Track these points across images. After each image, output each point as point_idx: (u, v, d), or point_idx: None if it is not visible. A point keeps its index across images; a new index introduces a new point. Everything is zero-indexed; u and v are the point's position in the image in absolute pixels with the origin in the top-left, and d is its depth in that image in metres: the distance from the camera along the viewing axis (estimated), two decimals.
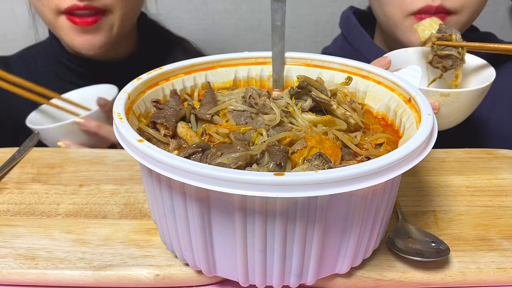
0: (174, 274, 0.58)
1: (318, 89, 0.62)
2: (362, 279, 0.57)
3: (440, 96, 0.81)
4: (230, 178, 0.43)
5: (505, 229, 0.65)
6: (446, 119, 0.85)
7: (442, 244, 0.58)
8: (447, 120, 0.86)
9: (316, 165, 0.50)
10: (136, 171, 0.78)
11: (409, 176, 0.76)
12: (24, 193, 0.73)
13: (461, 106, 0.83)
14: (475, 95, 0.82)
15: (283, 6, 0.67)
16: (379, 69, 0.66)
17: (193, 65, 0.70)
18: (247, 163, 0.51)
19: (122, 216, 0.68)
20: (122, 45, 1.14)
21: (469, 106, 0.85)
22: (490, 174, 0.77)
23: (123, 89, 0.60)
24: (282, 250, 0.49)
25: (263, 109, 0.60)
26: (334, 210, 0.48)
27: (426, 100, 0.56)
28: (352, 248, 0.53)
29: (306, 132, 0.57)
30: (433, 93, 0.81)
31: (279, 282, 0.53)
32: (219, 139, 0.57)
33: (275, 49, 0.70)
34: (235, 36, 1.79)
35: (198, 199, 0.47)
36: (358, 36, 1.15)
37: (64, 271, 0.58)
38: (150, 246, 0.62)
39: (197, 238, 0.51)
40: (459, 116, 0.87)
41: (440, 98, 0.81)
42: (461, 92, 0.80)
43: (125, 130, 0.51)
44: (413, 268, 0.58)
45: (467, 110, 0.86)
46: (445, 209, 0.69)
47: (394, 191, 0.55)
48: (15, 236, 0.64)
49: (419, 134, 0.49)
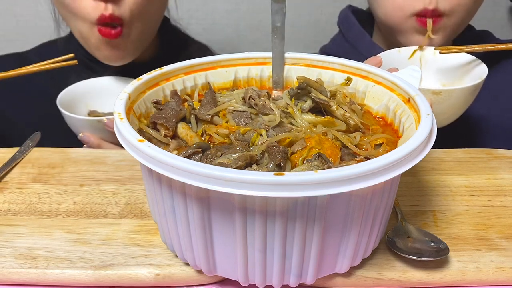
0: (174, 273, 0.58)
1: (318, 90, 0.62)
2: (362, 278, 0.58)
3: (432, 94, 0.81)
4: (230, 178, 0.43)
5: (504, 229, 0.65)
6: (439, 117, 0.85)
7: (442, 244, 0.59)
8: (440, 118, 0.86)
9: (315, 165, 0.50)
10: (136, 171, 0.78)
11: (409, 176, 0.77)
12: (25, 193, 0.73)
13: (454, 104, 0.83)
14: (467, 92, 0.82)
15: (283, 7, 0.67)
16: (379, 69, 0.66)
17: (193, 65, 0.70)
18: (247, 164, 0.51)
19: (123, 216, 0.68)
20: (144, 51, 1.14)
21: (462, 104, 0.85)
22: (489, 174, 0.77)
23: (123, 89, 0.60)
24: (282, 249, 0.49)
25: (263, 109, 0.61)
26: (333, 210, 0.48)
27: (426, 100, 0.56)
28: (351, 248, 0.53)
29: (305, 132, 0.57)
30: (425, 91, 0.80)
31: (279, 281, 0.53)
32: (219, 140, 0.58)
33: (275, 50, 0.71)
34: (235, 36, 1.79)
35: (198, 199, 0.48)
36: (357, 35, 1.16)
37: (64, 270, 0.58)
38: (150, 246, 0.62)
39: (197, 237, 0.51)
40: (452, 114, 0.87)
41: (432, 96, 0.81)
42: (452, 90, 0.81)
43: (125, 130, 0.51)
44: (413, 268, 0.58)
45: (460, 108, 0.86)
46: (444, 209, 0.69)
47: (394, 191, 0.55)
48: (16, 235, 0.64)
49: (418, 134, 0.49)
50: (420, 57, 0.98)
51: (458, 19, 1.00)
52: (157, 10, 1.09)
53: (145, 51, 1.15)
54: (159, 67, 0.67)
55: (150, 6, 1.04)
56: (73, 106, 1.04)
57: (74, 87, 1.07)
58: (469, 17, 1.03)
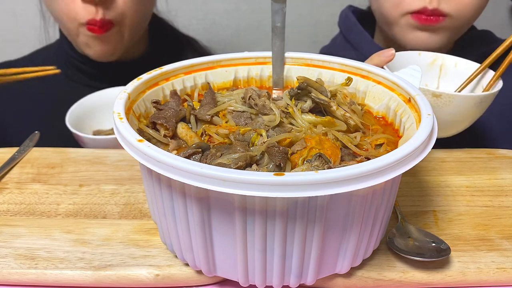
0: (174, 274, 0.58)
1: (318, 90, 0.62)
2: (362, 279, 0.57)
3: (432, 97, 0.75)
4: (230, 178, 0.43)
5: (505, 229, 0.65)
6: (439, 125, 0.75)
7: (443, 244, 0.58)
8: (441, 127, 0.76)
9: (315, 165, 0.50)
10: (136, 171, 0.78)
11: (409, 176, 0.76)
12: (24, 193, 0.73)
13: (454, 113, 0.76)
14: (470, 102, 0.75)
15: (283, 8, 0.67)
16: (379, 69, 0.66)
17: (193, 65, 0.70)
18: (246, 164, 0.51)
19: (122, 216, 0.68)
20: (134, 46, 1.15)
21: (463, 115, 0.78)
22: (490, 174, 0.77)
23: (123, 89, 0.60)
24: (282, 250, 0.49)
25: (262, 110, 0.60)
26: (334, 210, 0.48)
27: (426, 100, 0.56)
28: (352, 248, 0.53)
29: (306, 133, 0.57)
30: (425, 91, 0.75)
31: (279, 282, 0.53)
32: (219, 140, 0.57)
33: (275, 50, 0.70)
34: (235, 36, 1.79)
35: (198, 199, 0.47)
36: (357, 35, 1.16)
37: (64, 271, 0.58)
38: (150, 246, 0.62)
39: (197, 238, 0.51)
40: (452, 125, 0.80)
41: (432, 98, 0.75)
42: (454, 95, 0.75)
43: (125, 130, 0.51)
44: (413, 268, 0.58)
45: (461, 119, 0.79)
46: (445, 209, 0.69)
47: (394, 191, 0.55)
48: (15, 236, 0.64)
49: (419, 134, 0.49)
50: (441, 66, 0.92)
51: (462, 21, 0.99)
52: (147, 6, 1.10)
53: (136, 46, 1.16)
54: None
55: (141, 5, 1.04)
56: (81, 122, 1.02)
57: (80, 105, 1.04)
58: (473, 19, 1.03)
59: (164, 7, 1.30)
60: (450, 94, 0.75)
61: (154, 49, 1.22)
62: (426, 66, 0.91)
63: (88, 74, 1.16)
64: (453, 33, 1.03)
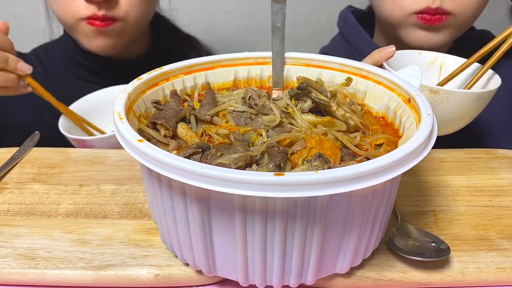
0: (174, 274, 0.58)
1: (318, 90, 0.62)
2: (362, 279, 0.58)
3: (430, 93, 0.75)
4: (230, 178, 0.43)
5: (505, 229, 0.65)
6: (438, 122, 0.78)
7: (443, 244, 0.59)
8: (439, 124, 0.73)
9: (315, 165, 0.50)
10: (136, 171, 0.78)
11: (409, 176, 0.76)
12: (24, 193, 0.73)
13: (452, 110, 0.76)
14: (468, 99, 0.75)
15: (283, 8, 0.67)
16: (379, 69, 0.66)
17: (193, 65, 0.70)
18: (246, 164, 0.51)
19: (122, 216, 0.68)
20: (136, 44, 1.15)
21: (461, 112, 0.78)
22: (490, 174, 0.77)
23: (123, 89, 0.60)
24: (282, 250, 0.49)
25: (262, 110, 0.61)
26: (334, 210, 0.48)
27: (426, 100, 0.56)
28: (352, 248, 0.53)
29: (305, 133, 0.57)
30: (423, 88, 0.75)
31: (279, 282, 0.53)
32: (219, 140, 0.58)
33: (275, 50, 0.70)
34: (235, 36, 1.79)
35: (198, 199, 0.47)
36: (357, 35, 1.16)
37: (64, 271, 0.58)
38: (150, 246, 0.62)
39: (197, 238, 0.51)
40: (450, 122, 0.80)
41: (429, 95, 0.75)
42: (451, 91, 0.74)
43: (125, 130, 0.51)
44: (413, 268, 0.58)
45: (459, 116, 0.79)
46: (444, 209, 0.69)
47: (394, 191, 0.55)
48: (15, 236, 0.64)
49: (418, 134, 0.49)
50: (441, 65, 0.92)
51: (464, 19, 1.00)
52: (151, 5, 1.10)
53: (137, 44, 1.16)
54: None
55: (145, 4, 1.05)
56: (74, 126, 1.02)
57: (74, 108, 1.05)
58: (475, 17, 1.03)
59: (166, 6, 1.30)
60: (447, 90, 0.75)
61: (156, 47, 1.23)
62: (426, 65, 0.92)
63: (91, 70, 1.16)
64: (456, 31, 1.03)
